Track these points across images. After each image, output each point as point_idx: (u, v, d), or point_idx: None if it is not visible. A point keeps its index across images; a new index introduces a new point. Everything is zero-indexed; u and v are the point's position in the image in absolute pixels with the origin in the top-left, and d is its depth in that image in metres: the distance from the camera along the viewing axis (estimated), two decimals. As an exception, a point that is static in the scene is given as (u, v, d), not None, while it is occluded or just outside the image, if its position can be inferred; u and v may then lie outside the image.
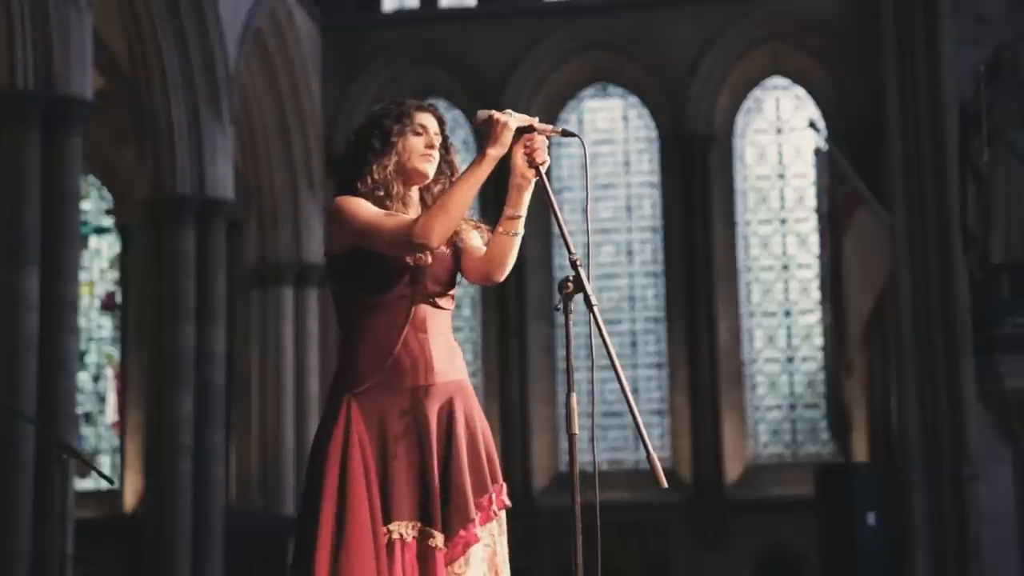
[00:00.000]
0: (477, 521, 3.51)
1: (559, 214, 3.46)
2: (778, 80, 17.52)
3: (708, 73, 17.00)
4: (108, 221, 18.44)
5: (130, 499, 16.75)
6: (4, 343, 10.87)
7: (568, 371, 3.40)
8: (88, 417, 17.84)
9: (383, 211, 3.50)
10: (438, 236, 3.41)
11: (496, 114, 3.46)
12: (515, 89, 17.23)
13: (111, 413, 18.02)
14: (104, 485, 15.11)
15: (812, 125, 16.21)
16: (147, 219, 14.62)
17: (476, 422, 3.57)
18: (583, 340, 16.85)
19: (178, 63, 14.12)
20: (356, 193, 3.54)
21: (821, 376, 16.72)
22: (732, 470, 16.58)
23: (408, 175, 3.61)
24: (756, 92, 17.54)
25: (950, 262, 13.85)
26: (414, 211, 3.59)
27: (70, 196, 11.44)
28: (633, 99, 17.75)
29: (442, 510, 3.45)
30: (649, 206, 17.58)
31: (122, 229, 18.11)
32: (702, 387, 16.53)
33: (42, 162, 11.21)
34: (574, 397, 3.33)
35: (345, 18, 17.57)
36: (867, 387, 15.97)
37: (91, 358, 18.07)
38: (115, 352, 18.08)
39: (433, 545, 3.43)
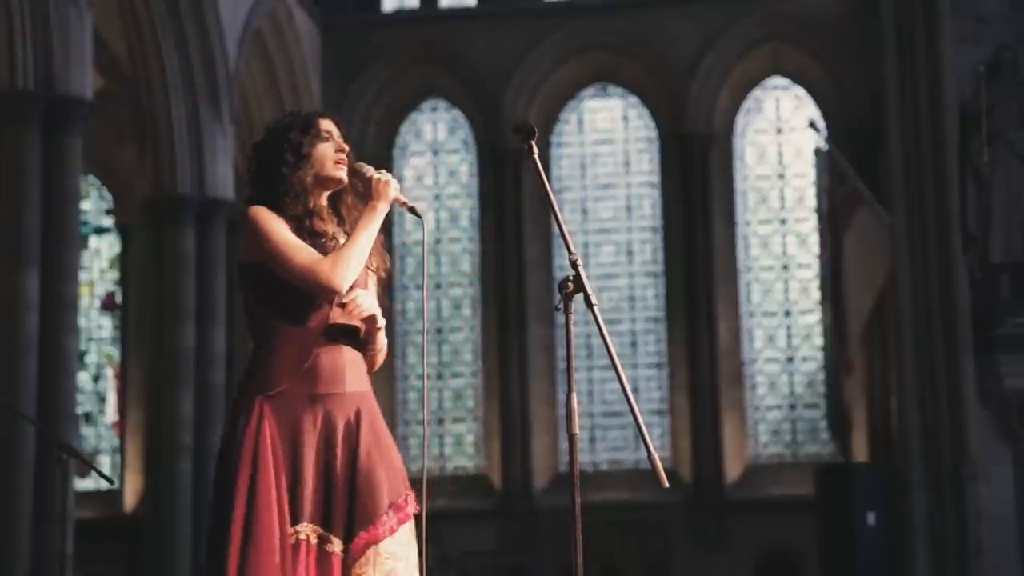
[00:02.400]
0: (385, 523, 3.55)
1: (559, 214, 3.49)
2: (778, 80, 17.52)
3: (708, 73, 17.00)
4: (108, 221, 18.44)
5: (130, 499, 16.75)
6: (4, 343, 10.88)
7: (568, 371, 3.42)
8: (88, 417, 17.83)
9: (294, 241, 3.54)
10: (345, 283, 3.53)
11: (375, 175, 3.65)
12: (515, 89, 17.24)
13: (111, 413, 18.01)
14: (104, 485, 15.11)
15: (812, 125, 16.21)
16: (147, 219, 14.62)
17: (382, 432, 3.64)
18: (583, 340, 16.89)
19: (178, 63, 14.13)
20: (273, 209, 3.59)
21: (821, 376, 16.72)
22: (732, 470, 16.58)
23: (323, 184, 3.68)
24: (756, 92, 17.54)
25: (950, 262, 13.85)
26: (329, 224, 3.66)
27: (70, 196, 11.45)
28: (633, 99, 17.75)
29: (348, 514, 3.52)
30: (649, 206, 17.58)
31: (122, 229, 18.11)
32: (702, 387, 16.53)
33: (42, 162, 11.22)
34: (574, 397, 3.35)
35: (345, 18, 17.57)
36: (867, 387, 15.97)
37: (91, 358, 18.07)
38: (115, 352, 18.08)
39: (330, 550, 3.50)
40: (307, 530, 3.50)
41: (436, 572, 16.19)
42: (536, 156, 3.54)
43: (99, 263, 18.39)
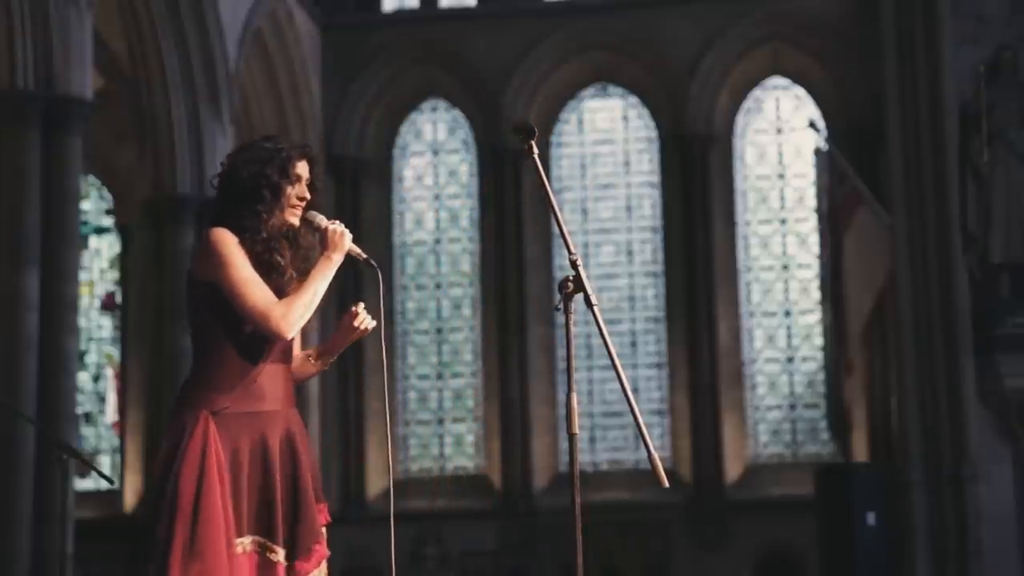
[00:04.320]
0: (324, 536, 3.77)
1: (559, 214, 3.49)
2: (778, 80, 17.51)
3: (708, 73, 17.00)
4: (108, 221, 18.44)
5: (130, 499, 16.74)
6: (4, 343, 10.88)
7: (568, 371, 3.43)
8: (88, 417, 17.83)
9: (253, 278, 3.65)
10: (294, 330, 3.69)
11: (331, 227, 3.77)
12: (515, 89, 17.24)
13: (111, 413, 18.01)
14: (104, 485, 15.10)
15: (812, 125, 16.20)
16: (147, 219, 14.62)
17: (309, 448, 3.82)
18: (583, 340, 16.89)
19: (178, 63, 14.12)
20: (236, 233, 3.70)
21: (821, 376, 16.71)
22: (732, 470, 16.58)
23: (282, 222, 3.79)
24: (756, 92, 17.53)
25: (950, 262, 13.84)
26: (285, 254, 3.76)
27: (70, 196, 11.45)
28: (633, 99, 17.75)
29: (293, 528, 3.66)
30: (649, 206, 17.57)
31: (122, 229, 18.10)
32: (702, 387, 16.52)
33: (42, 162, 11.22)
34: (574, 397, 3.37)
35: (345, 18, 17.57)
36: (867, 387, 15.96)
37: (91, 358, 18.06)
38: (115, 352, 18.08)
39: (274, 559, 3.63)
40: (246, 541, 3.62)
41: (436, 572, 16.20)
42: (536, 156, 3.55)
43: (99, 263, 18.39)
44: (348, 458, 16.76)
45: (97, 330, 18.25)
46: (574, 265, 3.38)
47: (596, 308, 3.33)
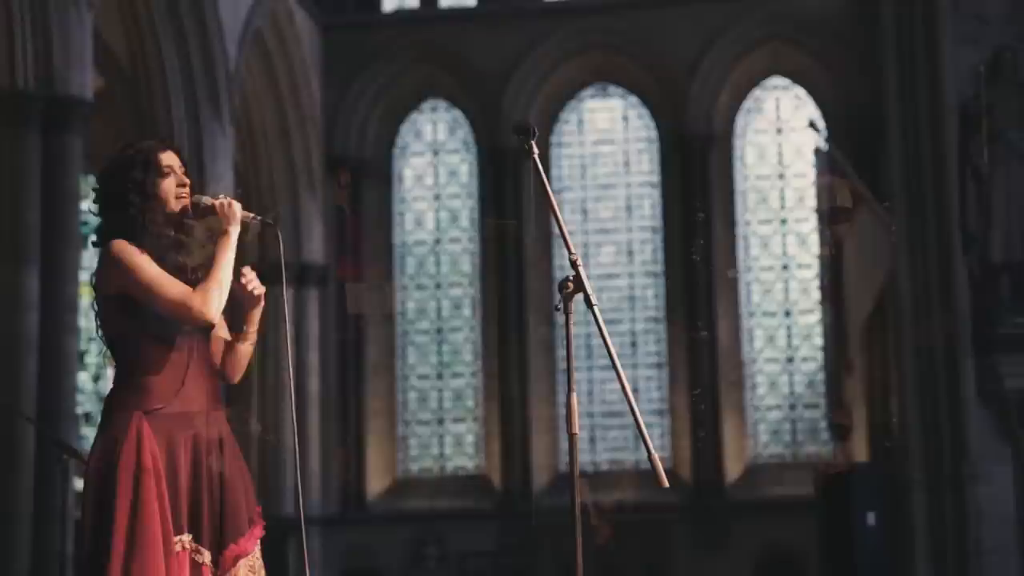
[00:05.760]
0: (249, 538, 3.79)
1: (559, 214, 3.49)
2: (778, 80, 17.52)
3: (708, 73, 17.00)
4: (108, 221, 18.43)
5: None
6: (4, 343, 10.87)
7: (568, 371, 3.44)
8: (88, 417, 17.82)
9: (164, 275, 3.71)
10: (217, 312, 3.76)
11: (216, 202, 3.81)
12: (515, 89, 17.24)
13: (111, 413, 18.01)
14: (104, 485, 15.07)
15: (812, 125, 16.20)
16: (147, 219, 14.58)
17: (237, 451, 3.88)
18: (583, 340, 16.88)
19: (178, 63, 14.12)
20: (134, 244, 3.73)
21: (821, 376, 16.72)
22: (732, 470, 16.58)
23: (169, 219, 3.81)
24: (756, 92, 17.54)
25: (950, 262, 13.83)
26: (182, 253, 3.81)
27: (70, 196, 11.44)
28: (633, 99, 17.75)
29: (216, 528, 3.73)
30: (649, 206, 17.58)
31: (122, 229, 18.10)
32: (702, 387, 16.52)
33: (42, 162, 11.21)
34: (574, 397, 3.36)
35: (345, 18, 17.57)
36: (867, 387, 15.96)
37: (91, 358, 18.07)
38: (115, 352, 18.07)
39: (200, 561, 3.70)
40: (185, 539, 3.68)
41: (436, 572, 16.19)
42: (536, 156, 3.55)
43: (99, 263, 18.38)
44: (348, 458, 16.76)
45: (97, 330, 18.23)
46: (574, 265, 3.38)
47: (596, 308, 3.33)
